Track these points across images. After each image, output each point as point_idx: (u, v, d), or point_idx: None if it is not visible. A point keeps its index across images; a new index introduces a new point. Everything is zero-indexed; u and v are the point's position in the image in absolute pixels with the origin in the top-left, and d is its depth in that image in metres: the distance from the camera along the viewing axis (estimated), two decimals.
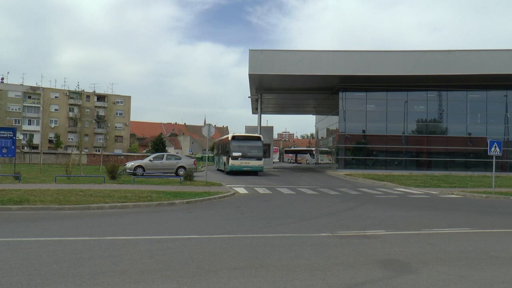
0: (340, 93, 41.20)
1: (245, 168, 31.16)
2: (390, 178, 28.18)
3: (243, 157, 31.12)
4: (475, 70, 36.72)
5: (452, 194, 20.27)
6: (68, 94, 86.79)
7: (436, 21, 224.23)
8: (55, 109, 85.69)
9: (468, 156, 41.53)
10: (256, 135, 34.50)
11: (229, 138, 32.19)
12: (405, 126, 41.67)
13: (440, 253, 7.40)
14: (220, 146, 39.10)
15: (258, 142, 32.46)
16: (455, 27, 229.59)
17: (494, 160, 20.52)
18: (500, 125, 41.46)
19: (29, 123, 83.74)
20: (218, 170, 37.88)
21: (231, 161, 31.01)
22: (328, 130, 49.99)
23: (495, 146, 19.97)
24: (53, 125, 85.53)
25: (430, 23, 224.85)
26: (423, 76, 37.68)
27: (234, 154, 31.08)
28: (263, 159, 32.21)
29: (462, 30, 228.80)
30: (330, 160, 47.86)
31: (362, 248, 7.69)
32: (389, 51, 39.17)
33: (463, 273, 6.12)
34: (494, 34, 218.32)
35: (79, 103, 66.52)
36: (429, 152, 42.11)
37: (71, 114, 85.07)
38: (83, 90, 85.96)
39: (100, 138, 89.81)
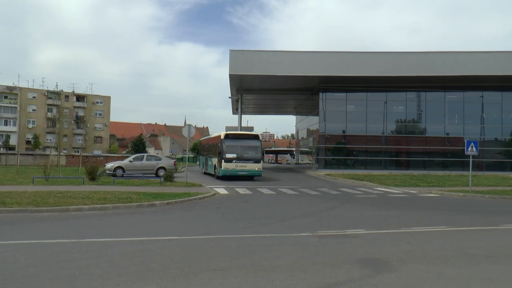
0: (320, 94, 41.44)
1: (241, 173, 26.11)
2: (370, 178, 28.44)
3: (239, 159, 26.16)
4: (452, 71, 37.36)
5: (431, 193, 20.58)
6: (46, 94, 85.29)
7: (414, 23, 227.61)
8: (33, 109, 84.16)
9: (446, 155, 42.22)
10: (253, 133, 30.04)
11: (222, 137, 27.01)
12: (385, 127, 42.14)
13: (418, 252, 7.51)
14: (208, 146, 33.63)
15: (256, 142, 27.78)
16: (433, 29, 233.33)
17: (471, 159, 20.91)
18: (476, 125, 42.27)
19: (6, 124, 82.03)
20: (206, 173, 32.89)
21: (224, 164, 25.94)
22: (308, 130, 50.25)
23: (471, 146, 20.35)
24: (30, 125, 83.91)
25: (409, 25, 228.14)
26: (402, 77, 38.15)
27: (228, 155, 26.04)
28: (261, 161, 27.63)
29: (440, 32, 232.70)
30: (311, 160, 48.10)
31: (342, 247, 7.75)
32: (369, 52, 39.63)
33: (440, 270, 6.22)
34: (471, 36, 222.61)
35: (57, 103, 65.42)
36: (408, 152, 42.68)
37: (49, 114, 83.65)
38: (62, 90, 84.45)
39: (79, 139, 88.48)
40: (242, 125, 46.79)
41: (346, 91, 41.77)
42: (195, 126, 30.19)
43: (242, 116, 47.86)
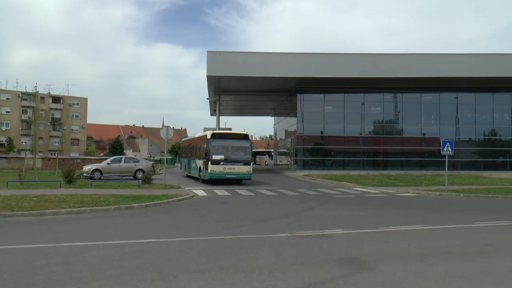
0: (298, 95, 41.65)
1: (229, 176, 24.05)
2: (348, 178, 28.71)
3: (227, 161, 23.96)
4: (428, 73, 38.04)
5: (408, 192, 20.89)
6: (20, 95, 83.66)
7: (391, 25, 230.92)
8: (7, 111, 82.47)
9: (423, 155, 42.93)
10: (242, 132, 27.38)
11: (208, 136, 24.54)
12: (362, 127, 42.61)
13: (396, 250, 7.62)
14: (191, 147, 31.11)
15: (245, 142, 25.60)
16: (410, 32, 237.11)
17: (446, 159, 21.29)
18: (451, 125, 43.12)
19: None
20: (188, 176, 30.78)
21: (210, 167, 23.64)
22: (286, 131, 50.45)
23: (447, 146, 20.72)
24: (4, 128, 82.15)
25: (386, 27, 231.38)
26: (379, 79, 38.65)
27: (215, 157, 23.79)
28: (251, 163, 25.74)
29: (416, 35, 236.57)
30: (289, 161, 48.28)
31: (321, 247, 7.81)
32: (346, 54, 40.00)
33: (417, 268, 6.32)
34: (446, 39, 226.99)
35: (33, 105, 64.24)
36: (386, 152, 43.25)
37: (24, 116, 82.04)
38: (37, 92, 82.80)
39: (55, 141, 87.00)
40: (220, 126, 46.71)
41: (324, 92, 42.08)
42: (173, 127, 29.68)
43: (220, 117, 47.77)
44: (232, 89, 43.95)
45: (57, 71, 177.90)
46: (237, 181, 25.25)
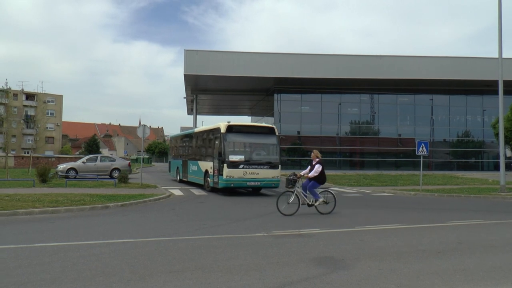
0: (275, 95, 41.86)
1: (252, 183, 18.42)
2: None
3: (248, 163, 18.31)
4: (404, 75, 38.70)
5: (384, 192, 21.18)
6: None
7: (369, 26, 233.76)
8: None
9: (398, 156, 43.64)
10: (267, 125, 21.11)
11: (222, 130, 18.41)
12: (339, 128, 43.07)
13: (372, 249, 7.70)
14: (190, 144, 24.40)
15: (272, 137, 19.70)
16: (388, 33, 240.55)
17: (421, 159, 21.67)
18: (426, 126, 43.96)
19: None
20: (183, 182, 24.96)
21: (226, 171, 17.77)
22: None
23: (422, 147, 21.10)
24: None
25: (364, 28, 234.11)
26: (355, 80, 39.12)
27: (233, 157, 18.01)
28: (279, 166, 19.68)
29: (394, 36, 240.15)
30: None
31: (297, 246, 7.83)
32: (323, 54, 40.38)
33: (393, 266, 6.40)
34: (423, 41, 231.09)
35: (5, 102, 62.74)
36: (362, 153, 43.79)
37: None
38: (10, 88, 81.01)
39: (29, 139, 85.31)
40: (197, 125, 46.59)
41: (301, 93, 42.41)
42: (150, 126, 28.78)
43: (197, 116, 47.76)
44: (210, 88, 43.89)
45: (31, 68, 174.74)
46: (254, 189, 19.91)
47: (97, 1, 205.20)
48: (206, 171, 20.18)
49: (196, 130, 23.90)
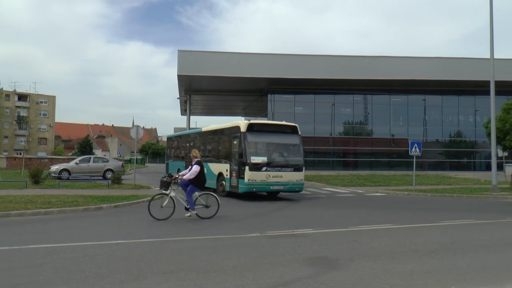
0: (269, 95, 41.87)
1: (275, 187, 16.95)
2: (318, 178, 28.97)
3: (271, 165, 16.79)
4: (397, 75, 38.84)
5: (377, 192, 21.26)
6: None
7: (363, 27, 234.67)
8: None
9: (391, 156, 43.80)
10: (289, 123, 19.31)
11: (242, 129, 17.06)
12: (332, 128, 43.15)
13: (365, 249, 7.73)
14: (201, 144, 22.26)
15: (295, 137, 18.42)
16: (383, 34, 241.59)
17: (414, 160, 21.77)
18: (419, 127, 44.16)
19: None
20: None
21: (249, 174, 16.30)
22: None
23: (415, 147, 21.21)
24: None
25: (359, 29, 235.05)
26: (349, 80, 39.22)
27: (255, 159, 16.59)
28: (303, 168, 17.85)
29: (388, 37, 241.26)
30: None
31: (291, 247, 7.84)
32: (317, 55, 40.45)
33: (386, 266, 6.43)
34: (417, 42, 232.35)
35: None
36: (355, 153, 43.92)
37: None
38: (2, 89, 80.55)
39: (21, 140, 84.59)
40: (191, 126, 46.61)
41: (295, 93, 42.44)
42: (144, 127, 28.18)
43: (191, 117, 47.71)
44: (203, 89, 43.85)
45: (23, 68, 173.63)
46: (270, 193, 18.24)
47: (90, 1, 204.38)
48: (220, 174, 18.61)
49: (204, 129, 22.30)
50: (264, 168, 16.54)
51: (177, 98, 48.93)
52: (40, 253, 7.23)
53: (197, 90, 44.16)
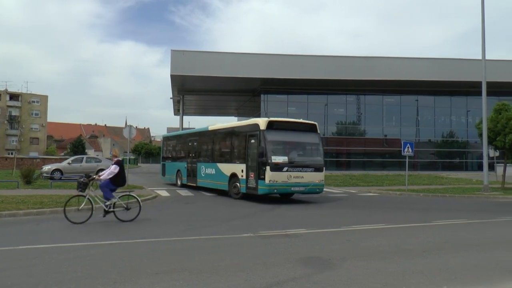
0: (262, 95, 41.90)
1: (296, 188, 15.99)
2: None
3: (292, 165, 15.81)
4: (390, 76, 39.00)
5: (370, 192, 21.33)
6: None
7: (356, 27, 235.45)
8: None
9: (384, 156, 43.97)
10: (309, 121, 18.61)
11: (261, 126, 15.95)
12: (325, 128, 43.21)
13: (358, 249, 7.75)
14: (208, 143, 21.01)
15: (315, 136, 17.58)
16: (376, 34, 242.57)
17: (407, 160, 21.87)
18: (412, 127, 44.37)
19: None
20: (184, 186, 22.40)
21: (269, 174, 15.21)
22: None
23: (408, 147, 21.31)
24: None
25: (352, 29, 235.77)
26: (342, 81, 39.32)
27: (276, 159, 15.52)
28: (323, 168, 17.03)
29: (381, 38, 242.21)
30: None
31: (284, 247, 7.84)
32: (310, 55, 40.53)
33: (379, 266, 6.45)
34: (411, 42, 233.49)
35: None
36: (348, 153, 44.04)
37: None
38: None
39: (13, 140, 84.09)
40: (184, 126, 46.52)
41: (288, 93, 42.48)
42: (136, 127, 28.14)
43: (184, 117, 47.62)
44: (196, 89, 43.79)
45: (15, 67, 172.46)
46: (283, 196, 17.50)
47: (83, 1, 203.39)
48: (233, 175, 17.50)
49: (211, 127, 20.99)
50: (285, 169, 15.58)
51: (170, 98, 48.82)
52: (32, 253, 7.18)
53: (190, 90, 44.08)
